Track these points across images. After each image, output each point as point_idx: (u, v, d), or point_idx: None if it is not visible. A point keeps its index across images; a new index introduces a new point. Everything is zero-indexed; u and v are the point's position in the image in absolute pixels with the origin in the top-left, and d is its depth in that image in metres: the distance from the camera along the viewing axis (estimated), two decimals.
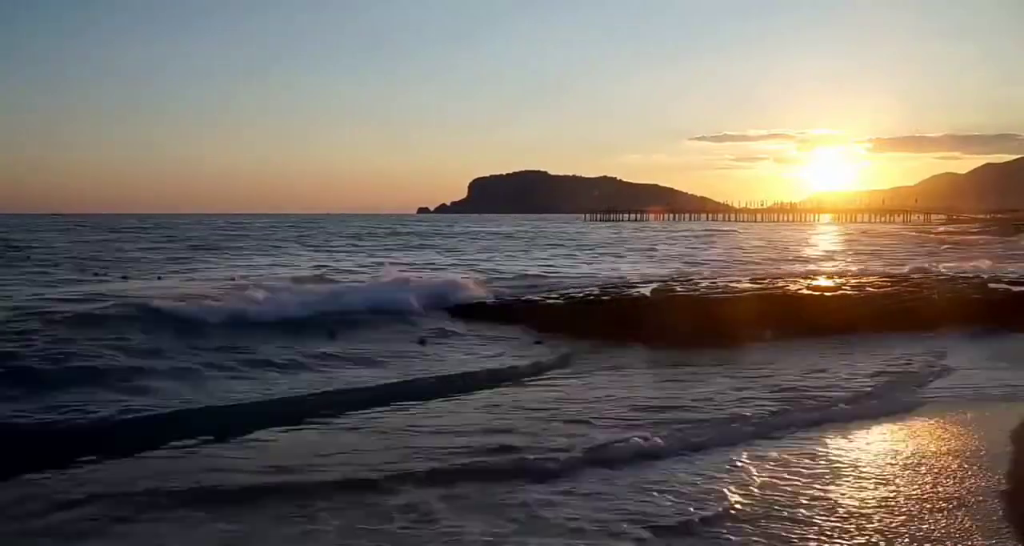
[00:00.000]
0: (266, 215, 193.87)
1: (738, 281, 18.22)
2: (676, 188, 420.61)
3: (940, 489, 5.65)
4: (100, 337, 10.60)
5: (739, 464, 6.27)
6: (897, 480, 5.89)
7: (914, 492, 5.60)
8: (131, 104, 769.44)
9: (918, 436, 7.23)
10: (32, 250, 34.25)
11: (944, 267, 22.51)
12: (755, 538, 4.88)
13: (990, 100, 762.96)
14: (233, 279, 18.59)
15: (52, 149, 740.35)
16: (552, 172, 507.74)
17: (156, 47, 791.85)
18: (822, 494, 5.56)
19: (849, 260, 31.72)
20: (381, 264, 26.82)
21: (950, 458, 6.39)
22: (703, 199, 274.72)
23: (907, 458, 6.43)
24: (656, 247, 44.57)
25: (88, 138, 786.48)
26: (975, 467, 6.12)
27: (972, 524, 5.03)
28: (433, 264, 28.52)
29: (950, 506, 5.32)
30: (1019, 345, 12.56)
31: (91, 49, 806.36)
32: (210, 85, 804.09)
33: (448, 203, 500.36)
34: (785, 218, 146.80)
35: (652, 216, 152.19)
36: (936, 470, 6.08)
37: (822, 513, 5.22)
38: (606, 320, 13.92)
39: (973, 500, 5.43)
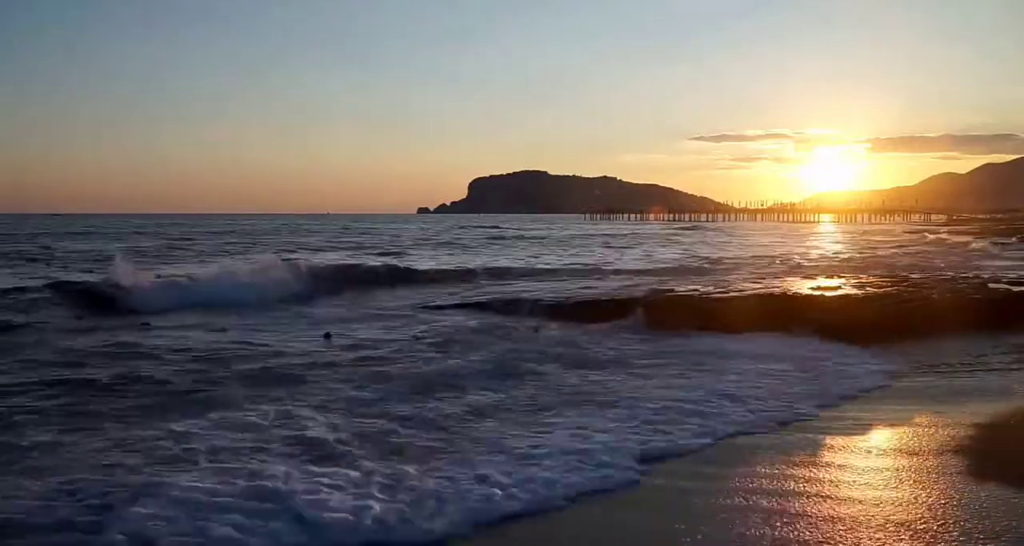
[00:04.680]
0: (265, 215, 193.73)
1: None
2: (676, 188, 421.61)
3: None
4: None
5: None
6: None
7: None
8: (131, 104, 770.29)
9: None
10: None
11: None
12: None
13: (988, 100, 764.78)
14: None
15: (52, 149, 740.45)
16: (552, 172, 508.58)
17: (156, 47, 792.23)
18: None
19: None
20: None
21: None
22: (703, 199, 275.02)
23: None
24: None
25: (88, 138, 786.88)
26: None
27: None
28: None
29: None
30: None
31: (91, 49, 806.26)
32: (210, 85, 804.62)
33: (448, 203, 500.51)
34: (785, 218, 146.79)
35: (652, 216, 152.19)
36: None
37: None
38: None
39: None
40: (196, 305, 15.74)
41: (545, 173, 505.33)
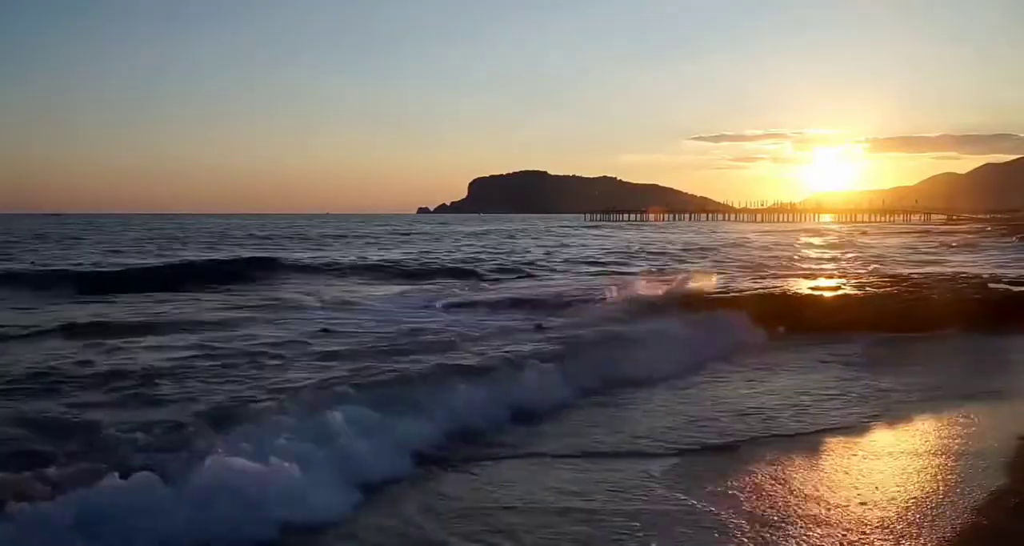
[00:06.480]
0: (267, 215, 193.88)
1: None
2: (676, 188, 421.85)
3: None
4: None
5: None
6: None
7: None
8: (130, 105, 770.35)
9: None
10: None
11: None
12: None
13: (987, 100, 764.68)
14: None
15: (52, 149, 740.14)
16: (552, 172, 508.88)
17: (157, 48, 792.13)
18: None
19: None
20: None
21: None
22: (703, 199, 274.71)
23: None
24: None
25: (88, 138, 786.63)
26: None
27: None
28: None
29: None
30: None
31: (91, 49, 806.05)
32: (211, 86, 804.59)
33: (448, 203, 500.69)
34: (785, 218, 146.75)
35: (652, 216, 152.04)
36: None
37: None
38: None
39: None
40: None
41: (545, 173, 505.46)
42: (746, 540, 4.93)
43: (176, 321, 13.19)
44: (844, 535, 4.96)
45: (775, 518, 5.26)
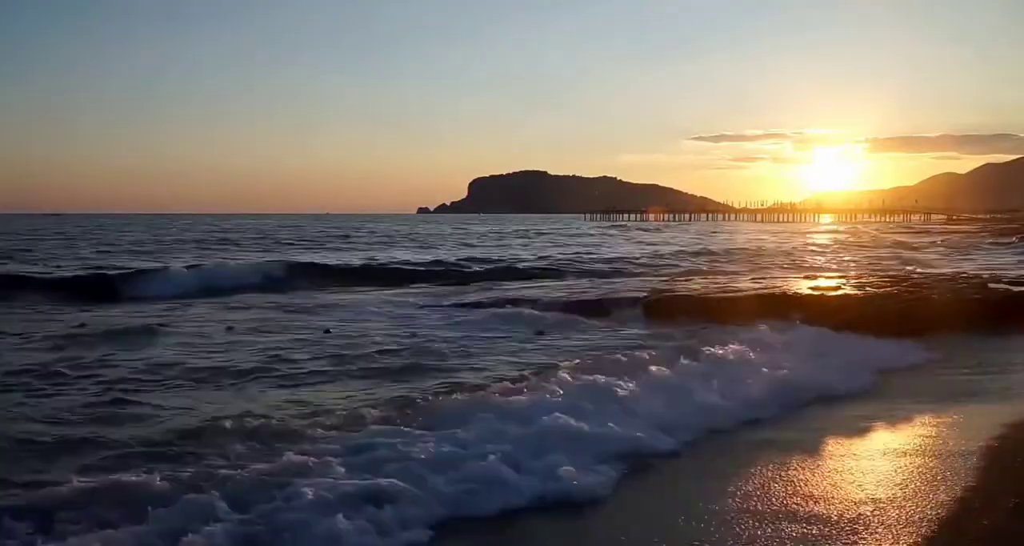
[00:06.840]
0: (267, 215, 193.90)
1: None
2: (676, 188, 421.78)
3: None
4: None
5: None
6: None
7: None
8: (130, 105, 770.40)
9: None
10: None
11: None
12: None
13: (987, 100, 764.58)
14: None
15: (53, 148, 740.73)
16: (552, 172, 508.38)
17: (157, 48, 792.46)
18: None
19: None
20: None
21: None
22: (703, 199, 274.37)
23: None
24: None
25: (89, 138, 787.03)
26: None
27: None
28: None
29: None
30: None
31: (92, 49, 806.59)
32: (211, 86, 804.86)
33: (448, 203, 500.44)
34: (785, 218, 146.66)
35: (652, 216, 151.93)
36: None
37: None
38: None
39: None
40: None
41: (545, 173, 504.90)
42: (746, 539, 4.93)
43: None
44: (844, 535, 4.97)
45: (776, 518, 5.26)
